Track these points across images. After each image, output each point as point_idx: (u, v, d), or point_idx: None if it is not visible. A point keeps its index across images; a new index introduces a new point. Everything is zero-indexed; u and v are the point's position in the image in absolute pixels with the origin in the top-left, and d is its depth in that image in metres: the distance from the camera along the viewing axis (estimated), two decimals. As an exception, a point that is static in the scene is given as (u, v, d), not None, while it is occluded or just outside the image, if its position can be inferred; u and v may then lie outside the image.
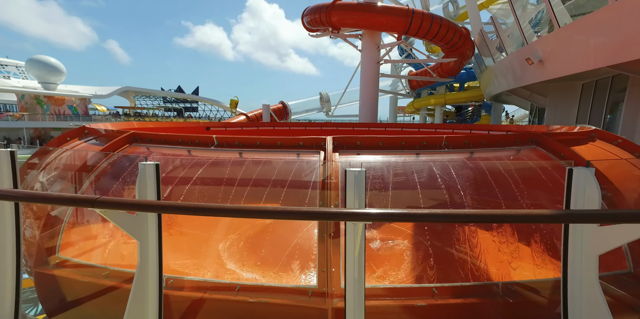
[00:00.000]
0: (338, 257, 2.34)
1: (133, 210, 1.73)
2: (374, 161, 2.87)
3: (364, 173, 1.82)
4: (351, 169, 1.81)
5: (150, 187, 1.91)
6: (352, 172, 1.82)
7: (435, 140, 2.86)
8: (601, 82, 10.59)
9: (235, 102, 30.45)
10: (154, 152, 3.09)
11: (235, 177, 2.86)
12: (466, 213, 1.32)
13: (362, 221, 1.64)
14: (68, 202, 1.66)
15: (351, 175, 1.83)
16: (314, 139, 3.00)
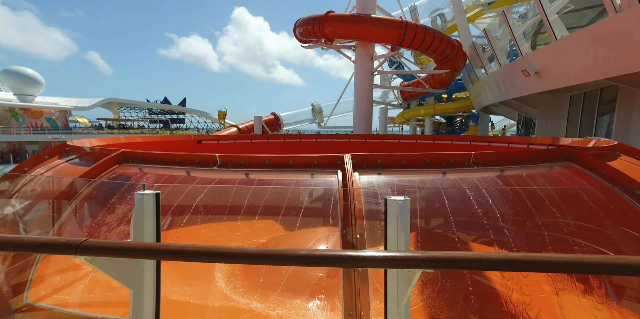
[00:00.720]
0: (367, 297, 2.01)
1: (128, 256, 1.37)
2: (398, 182, 2.58)
3: (409, 204, 1.52)
4: (393, 198, 1.51)
5: (149, 224, 1.56)
6: (395, 201, 1.52)
7: (462, 157, 2.60)
8: (590, 93, 10.79)
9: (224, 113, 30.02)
10: (148, 174, 2.72)
11: (242, 203, 2.52)
12: (540, 259, 1.01)
13: (416, 268, 1.31)
14: (42, 249, 1.30)
15: (393, 206, 1.52)
16: (330, 158, 2.69)
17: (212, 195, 2.58)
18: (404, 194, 1.59)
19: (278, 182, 2.70)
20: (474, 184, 2.43)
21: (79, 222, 2.20)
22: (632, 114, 8.45)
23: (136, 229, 1.51)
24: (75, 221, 2.21)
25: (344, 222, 2.23)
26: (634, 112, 8.31)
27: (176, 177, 2.72)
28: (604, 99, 10.12)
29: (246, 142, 9.66)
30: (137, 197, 1.57)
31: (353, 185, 2.36)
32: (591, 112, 10.85)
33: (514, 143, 7.10)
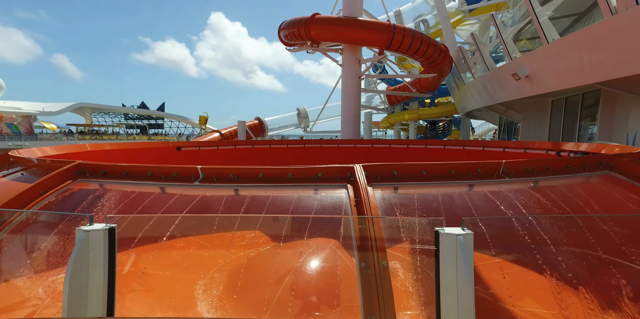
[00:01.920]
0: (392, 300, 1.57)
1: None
2: (420, 197, 2.16)
3: (472, 238, 1.09)
4: (449, 231, 1.08)
5: (96, 278, 1.05)
6: (452, 236, 1.09)
7: (491, 167, 2.22)
8: (571, 99, 10.95)
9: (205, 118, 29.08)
10: (111, 191, 2.18)
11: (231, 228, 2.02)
12: None
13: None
14: None
15: (450, 241, 1.09)
16: (338, 169, 2.25)
17: (192, 218, 2.07)
18: (441, 215, 1.17)
19: (275, 200, 2.22)
20: (509, 199, 2.04)
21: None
22: (614, 118, 8.51)
23: (74, 287, 1.00)
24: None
25: (362, 252, 1.78)
26: (616, 115, 8.38)
27: (147, 195, 2.19)
28: (585, 104, 10.27)
29: (230, 148, 9.07)
30: (78, 236, 1.07)
31: (370, 204, 1.92)
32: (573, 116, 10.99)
33: (509, 148, 6.89)
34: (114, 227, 1.16)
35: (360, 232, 1.84)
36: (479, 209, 1.94)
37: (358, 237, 1.84)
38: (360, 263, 1.73)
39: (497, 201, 1.99)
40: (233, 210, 2.20)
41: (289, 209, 2.19)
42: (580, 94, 10.12)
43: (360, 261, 1.75)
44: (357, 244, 1.82)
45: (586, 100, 10.12)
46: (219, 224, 2.15)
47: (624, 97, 7.59)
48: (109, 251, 1.14)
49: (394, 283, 1.73)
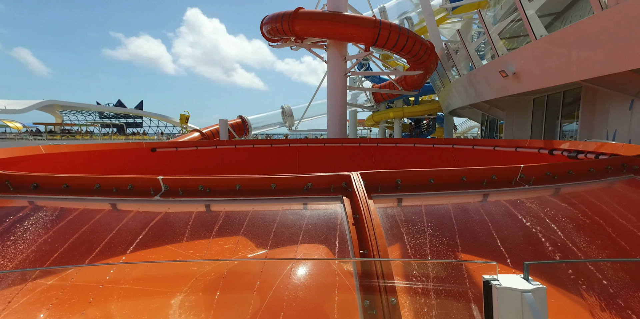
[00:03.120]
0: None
1: None
2: (429, 211, 1.82)
3: (544, 296, 0.74)
4: (509, 284, 0.72)
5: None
6: (515, 293, 0.73)
7: (507, 172, 1.91)
8: (552, 96, 11.05)
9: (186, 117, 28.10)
10: (44, 209, 1.72)
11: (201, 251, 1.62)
12: None
13: None
14: None
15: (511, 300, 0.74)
16: (331, 178, 1.88)
17: (151, 241, 1.65)
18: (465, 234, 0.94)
19: (255, 216, 1.82)
20: (533, 212, 1.72)
21: None
22: (595, 115, 8.56)
23: None
24: None
25: (365, 286, 1.42)
26: (596, 113, 8.42)
27: (92, 213, 1.75)
28: (566, 102, 10.36)
29: (210, 148, 8.53)
30: None
31: (372, 222, 1.55)
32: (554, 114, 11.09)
33: (500, 146, 6.72)
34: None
35: (362, 266, 1.48)
36: (501, 227, 1.61)
37: (359, 265, 1.48)
38: (363, 301, 1.37)
39: (520, 215, 1.67)
40: (204, 231, 1.79)
41: (271, 229, 1.80)
42: (561, 92, 10.20)
43: (362, 298, 1.39)
44: (359, 273, 1.46)
45: (567, 98, 10.20)
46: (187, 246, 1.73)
47: (604, 94, 7.61)
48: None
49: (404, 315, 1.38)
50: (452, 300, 1.38)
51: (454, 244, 1.59)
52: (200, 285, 1.54)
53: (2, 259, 1.26)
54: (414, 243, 1.61)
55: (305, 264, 1.59)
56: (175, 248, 1.75)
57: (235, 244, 1.79)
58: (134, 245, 1.63)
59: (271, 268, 1.66)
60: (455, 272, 1.31)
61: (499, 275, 0.78)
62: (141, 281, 1.44)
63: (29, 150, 3.82)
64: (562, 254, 1.48)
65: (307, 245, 1.70)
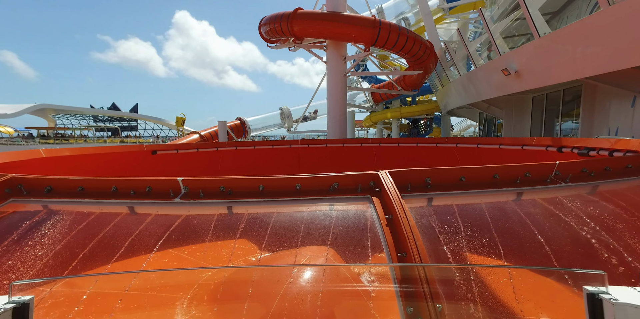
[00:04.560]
0: None
1: None
2: (462, 211, 1.74)
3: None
4: (627, 300, 0.64)
5: None
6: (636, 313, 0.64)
7: (542, 169, 1.84)
8: (552, 95, 11.10)
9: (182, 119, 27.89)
10: (59, 214, 1.62)
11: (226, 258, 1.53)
12: None
13: None
14: None
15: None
16: (358, 177, 1.80)
17: (173, 245, 1.55)
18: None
19: (280, 218, 1.74)
20: (576, 210, 1.65)
21: None
22: (595, 113, 8.59)
23: None
24: None
25: (406, 291, 1.34)
26: (596, 110, 8.45)
27: (110, 217, 1.65)
28: (565, 100, 10.39)
29: (211, 151, 8.40)
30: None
31: (409, 223, 1.47)
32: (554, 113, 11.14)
33: (505, 145, 6.68)
34: (26, 304, 0.65)
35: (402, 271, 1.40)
36: (544, 228, 1.54)
37: (398, 270, 1.40)
38: (405, 308, 1.29)
39: (562, 214, 1.60)
40: (227, 234, 1.70)
41: (298, 231, 1.71)
42: (561, 90, 10.24)
43: (404, 305, 1.31)
44: (398, 278, 1.38)
45: (566, 96, 10.24)
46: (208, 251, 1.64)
47: (605, 92, 7.63)
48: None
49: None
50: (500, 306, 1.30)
51: (495, 246, 1.51)
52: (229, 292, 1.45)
53: (22, 265, 1.16)
54: (452, 245, 1.53)
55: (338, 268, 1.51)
56: (200, 251, 1.66)
57: (260, 247, 1.70)
58: (156, 249, 1.53)
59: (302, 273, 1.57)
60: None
61: (610, 288, 0.68)
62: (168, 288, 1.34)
63: (29, 154, 3.69)
64: (617, 258, 1.41)
65: (337, 247, 1.61)
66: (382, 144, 9.25)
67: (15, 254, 1.23)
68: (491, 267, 1.32)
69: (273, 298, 1.34)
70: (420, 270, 1.30)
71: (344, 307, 1.50)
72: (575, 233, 1.45)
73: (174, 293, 1.29)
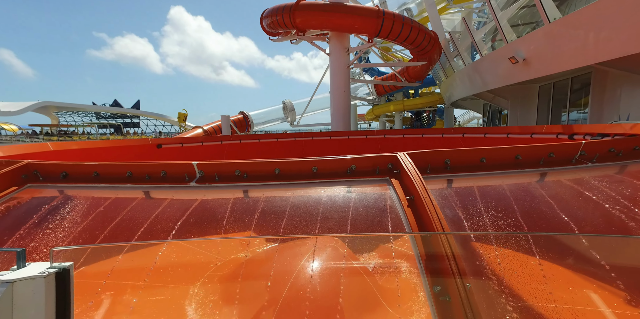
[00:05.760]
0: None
1: None
2: (482, 192, 1.70)
3: None
4: None
5: None
6: None
7: (567, 150, 1.79)
8: (559, 84, 10.92)
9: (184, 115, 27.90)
10: (75, 199, 1.60)
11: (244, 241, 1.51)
12: None
13: None
14: None
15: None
16: (376, 159, 1.76)
17: (191, 229, 1.53)
18: None
19: (297, 201, 1.71)
20: (605, 191, 1.61)
21: None
22: (604, 100, 8.45)
23: None
24: None
25: (432, 271, 1.31)
26: (606, 97, 8.32)
27: (126, 202, 1.62)
28: (574, 89, 10.23)
29: (216, 144, 8.38)
30: None
31: (433, 204, 1.44)
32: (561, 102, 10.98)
33: (513, 133, 6.60)
34: (66, 269, 0.63)
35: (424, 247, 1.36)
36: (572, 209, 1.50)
37: (422, 251, 1.37)
38: (432, 287, 1.26)
39: (590, 194, 1.55)
40: (244, 217, 1.68)
41: (317, 213, 1.68)
42: (569, 78, 10.07)
43: (431, 283, 1.28)
44: (423, 259, 1.35)
45: (574, 84, 10.07)
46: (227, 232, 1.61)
47: (615, 78, 7.49)
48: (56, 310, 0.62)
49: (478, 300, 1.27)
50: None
51: (520, 227, 1.48)
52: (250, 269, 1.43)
53: (44, 247, 1.14)
54: (476, 225, 1.50)
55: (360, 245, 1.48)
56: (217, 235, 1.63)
57: (279, 228, 1.67)
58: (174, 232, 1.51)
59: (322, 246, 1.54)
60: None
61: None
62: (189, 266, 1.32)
63: (37, 147, 3.68)
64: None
65: (358, 229, 1.58)
66: (386, 136, 9.18)
67: (37, 237, 1.21)
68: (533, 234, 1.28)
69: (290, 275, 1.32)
70: (446, 247, 1.27)
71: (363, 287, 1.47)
72: (607, 213, 1.40)
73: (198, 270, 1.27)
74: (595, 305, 1.32)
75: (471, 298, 1.19)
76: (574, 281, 1.32)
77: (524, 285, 1.30)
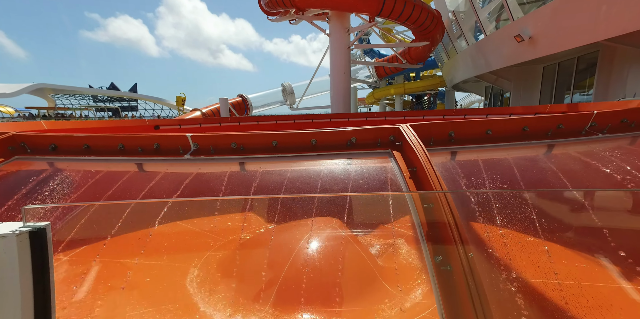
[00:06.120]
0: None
1: None
2: (487, 165, 1.65)
3: None
4: None
5: None
6: None
7: (577, 120, 1.73)
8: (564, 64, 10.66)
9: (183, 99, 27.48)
10: (64, 171, 1.54)
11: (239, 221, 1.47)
12: None
13: None
14: None
15: None
16: (377, 132, 1.69)
17: (183, 208, 1.49)
18: None
19: (296, 174, 1.65)
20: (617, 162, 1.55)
21: None
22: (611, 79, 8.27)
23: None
24: None
25: (433, 241, 1.27)
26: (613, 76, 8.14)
27: (118, 175, 1.57)
28: (579, 69, 9.99)
29: (214, 126, 8.27)
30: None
31: (436, 175, 1.38)
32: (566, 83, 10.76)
33: (516, 113, 6.50)
34: (42, 229, 0.59)
35: (425, 217, 1.32)
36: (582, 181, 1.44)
37: (424, 221, 1.33)
38: (434, 257, 1.23)
39: (600, 165, 1.50)
40: (241, 191, 1.63)
41: (315, 186, 1.63)
42: (574, 58, 9.82)
43: (432, 252, 1.24)
44: (424, 230, 1.31)
45: (580, 64, 9.83)
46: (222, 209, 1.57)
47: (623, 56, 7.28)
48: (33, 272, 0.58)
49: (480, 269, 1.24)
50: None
51: (525, 199, 1.43)
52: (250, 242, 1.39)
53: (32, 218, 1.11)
54: (480, 197, 1.45)
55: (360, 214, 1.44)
56: (213, 209, 1.59)
57: (276, 202, 1.63)
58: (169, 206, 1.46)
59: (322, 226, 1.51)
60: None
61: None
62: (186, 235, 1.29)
63: (31, 125, 3.60)
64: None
65: (357, 201, 1.54)
66: (387, 118, 9.05)
67: (22, 205, 1.17)
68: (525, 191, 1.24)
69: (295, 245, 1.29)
70: (449, 216, 1.22)
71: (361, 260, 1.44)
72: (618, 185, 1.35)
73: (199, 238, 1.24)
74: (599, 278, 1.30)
75: (473, 268, 1.16)
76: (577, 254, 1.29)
77: (527, 256, 1.28)
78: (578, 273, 1.25)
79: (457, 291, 1.15)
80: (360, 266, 1.50)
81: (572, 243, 1.29)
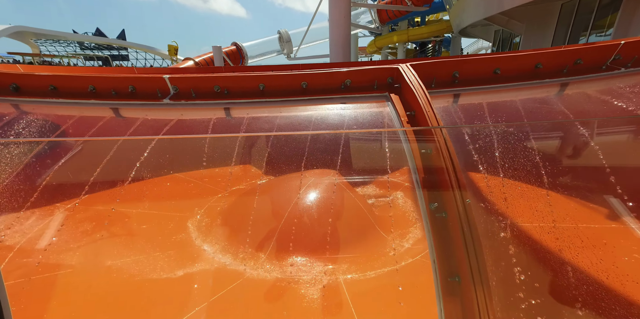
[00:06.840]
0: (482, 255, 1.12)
1: None
2: (495, 108, 1.52)
3: None
4: None
5: None
6: None
7: (600, 53, 1.54)
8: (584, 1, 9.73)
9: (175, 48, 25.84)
10: (32, 115, 1.42)
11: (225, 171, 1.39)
12: None
13: None
14: None
15: None
16: (374, 72, 1.53)
17: (163, 156, 1.40)
18: None
19: (285, 120, 1.53)
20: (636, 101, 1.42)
21: None
22: (635, 15, 7.61)
23: None
24: None
25: (429, 188, 1.21)
26: (637, 12, 7.47)
27: (92, 121, 1.45)
28: (602, 4, 9.13)
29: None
30: None
31: (436, 118, 1.27)
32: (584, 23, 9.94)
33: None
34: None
35: (422, 162, 1.24)
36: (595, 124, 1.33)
37: (420, 166, 1.25)
38: (429, 204, 1.18)
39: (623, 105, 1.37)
40: (226, 141, 1.53)
41: (306, 136, 1.53)
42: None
43: (428, 199, 1.19)
44: (421, 177, 1.24)
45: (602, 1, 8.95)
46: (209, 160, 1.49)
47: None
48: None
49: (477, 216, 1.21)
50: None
51: (532, 146, 1.33)
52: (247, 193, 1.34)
53: None
54: (482, 141, 1.36)
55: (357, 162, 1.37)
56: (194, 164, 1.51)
57: (265, 151, 1.54)
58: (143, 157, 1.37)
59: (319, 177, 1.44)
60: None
61: None
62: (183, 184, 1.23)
63: (5, 67, 3.36)
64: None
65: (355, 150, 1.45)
66: (389, 67, 8.58)
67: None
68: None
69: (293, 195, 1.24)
70: (445, 158, 1.14)
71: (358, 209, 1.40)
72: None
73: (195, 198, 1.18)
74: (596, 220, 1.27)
75: (469, 213, 1.12)
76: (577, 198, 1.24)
77: (526, 201, 1.23)
78: (576, 215, 1.21)
79: (451, 236, 1.13)
80: (356, 214, 1.47)
81: (573, 187, 1.24)
